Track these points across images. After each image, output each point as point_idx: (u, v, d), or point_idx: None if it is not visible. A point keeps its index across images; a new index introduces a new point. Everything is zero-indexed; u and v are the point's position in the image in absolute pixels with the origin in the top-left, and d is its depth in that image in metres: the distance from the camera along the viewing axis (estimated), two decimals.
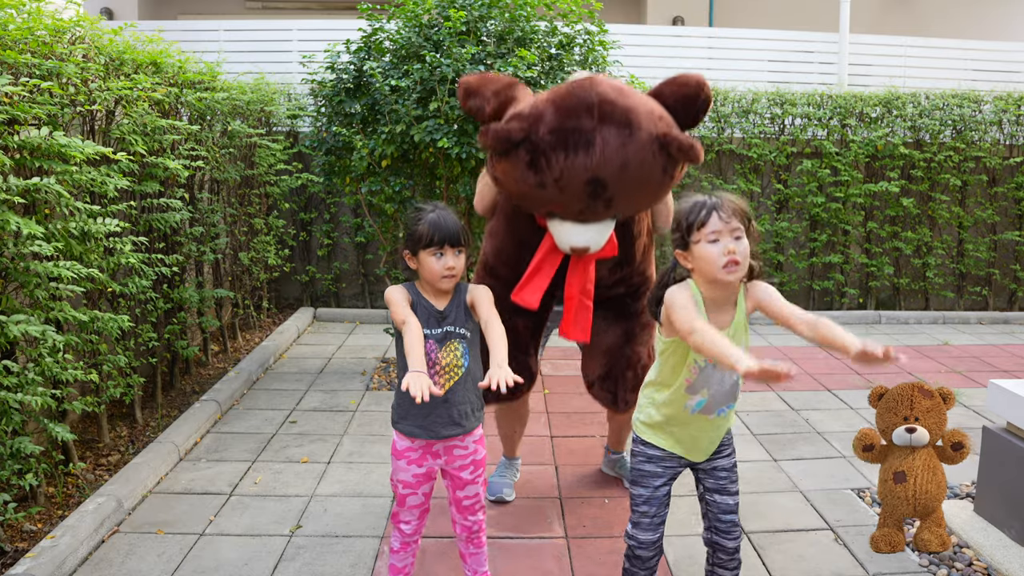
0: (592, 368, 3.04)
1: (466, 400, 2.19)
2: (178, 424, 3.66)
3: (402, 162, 4.25)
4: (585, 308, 2.79)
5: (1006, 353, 5.58)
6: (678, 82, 2.55)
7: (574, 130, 2.37)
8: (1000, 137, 6.78)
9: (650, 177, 2.45)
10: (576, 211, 2.52)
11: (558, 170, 2.39)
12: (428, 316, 2.15)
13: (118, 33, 3.49)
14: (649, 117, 2.41)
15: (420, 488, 2.24)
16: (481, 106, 2.61)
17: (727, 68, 7.39)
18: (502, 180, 2.58)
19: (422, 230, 2.11)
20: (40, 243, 2.61)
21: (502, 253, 2.89)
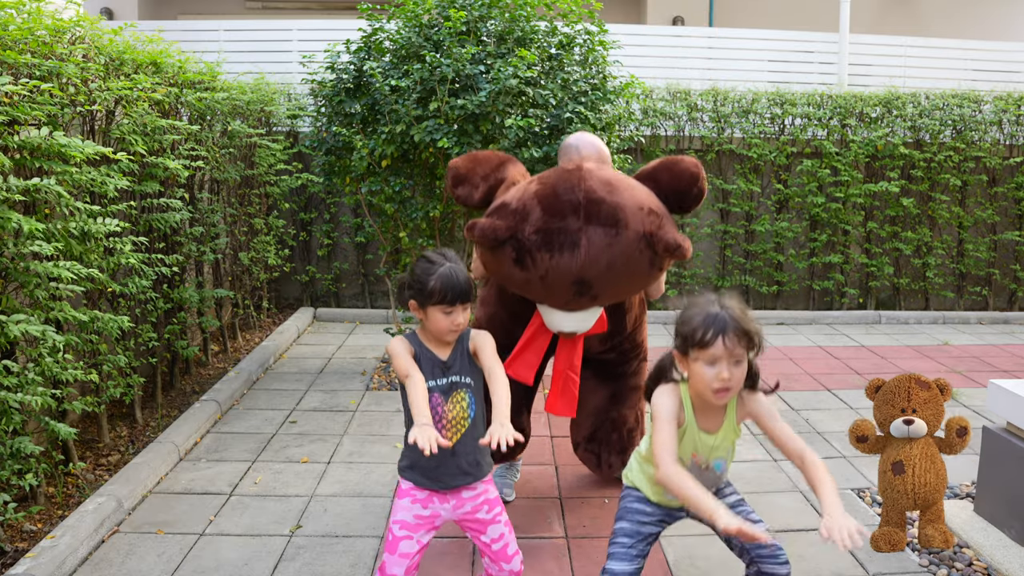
0: (578, 430, 3.08)
1: (474, 450, 2.13)
2: (178, 424, 3.66)
3: (402, 162, 4.25)
4: (572, 383, 2.79)
5: (1006, 353, 5.58)
6: (674, 172, 2.54)
7: (559, 231, 2.37)
8: (1000, 137, 6.78)
9: (636, 273, 2.46)
10: (562, 303, 2.54)
11: (543, 268, 2.41)
12: (432, 367, 2.11)
13: (118, 33, 3.49)
14: (637, 215, 2.40)
15: (418, 534, 2.10)
16: (470, 194, 2.63)
17: (727, 68, 7.39)
18: (490, 268, 2.60)
19: (433, 287, 2.03)
20: (40, 243, 2.61)
21: (494, 323, 2.89)
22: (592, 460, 3.08)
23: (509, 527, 2.17)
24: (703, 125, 6.67)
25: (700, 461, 1.96)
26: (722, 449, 1.98)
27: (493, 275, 2.67)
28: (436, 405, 2.09)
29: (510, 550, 2.15)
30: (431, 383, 2.09)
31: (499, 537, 2.14)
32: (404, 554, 2.07)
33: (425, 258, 2.11)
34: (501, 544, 2.14)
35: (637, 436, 3.06)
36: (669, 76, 7.09)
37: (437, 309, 2.05)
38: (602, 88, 4.26)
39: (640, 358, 3.03)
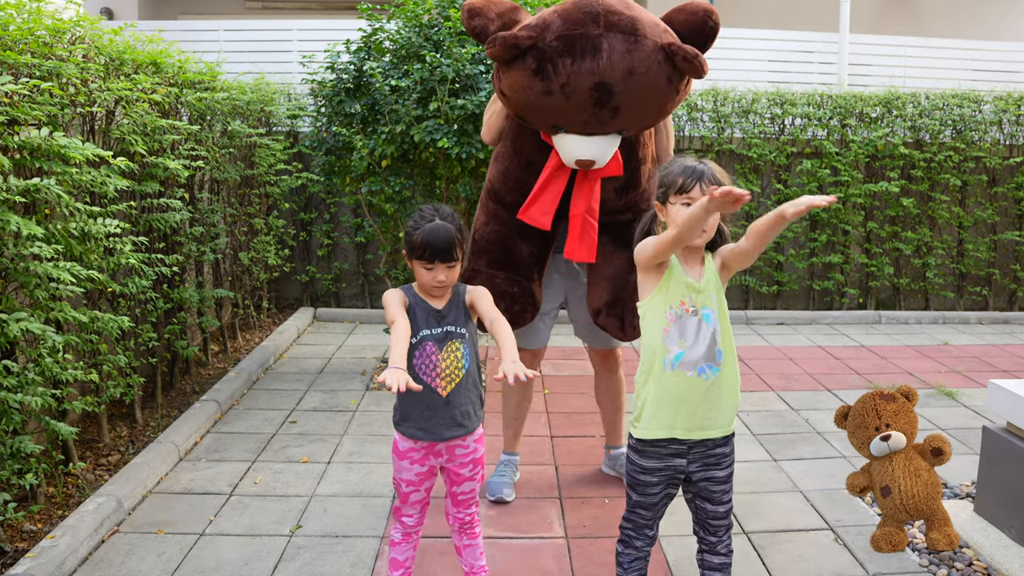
0: (598, 295, 3.00)
1: (467, 401, 2.19)
2: (178, 424, 3.66)
3: (402, 162, 4.26)
4: (590, 227, 2.78)
5: (1006, 353, 5.58)
6: (687, 10, 2.59)
7: (581, 36, 2.42)
8: (1000, 137, 6.78)
9: (655, 86, 2.49)
10: (582, 121, 2.54)
11: (565, 75, 2.44)
12: (427, 316, 2.16)
13: (118, 33, 3.49)
14: (655, 28, 2.47)
15: (423, 485, 2.26)
16: (485, 25, 2.63)
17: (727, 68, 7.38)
18: (508, 93, 2.61)
19: (415, 241, 2.10)
20: (40, 244, 2.61)
21: (508, 177, 2.90)
22: (615, 324, 3.00)
23: (480, 482, 2.32)
24: (703, 125, 6.68)
25: (688, 307, 2.01)
26: (707, 296, 2.03)
27: (511, 102, 2.65)
28: (430, 354, 2.14)
29: (473, 501, 2.32)
30: (426, 331, 2.14)
31: (470, 492, 2.31)
32: (415, 502, 2.28)
33: (420, 211, 2.17)
34: (467, 497, 2.31)
35: None
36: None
37: (419, 264, 2.11)
38: None
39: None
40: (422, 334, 2.14)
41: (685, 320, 2.01)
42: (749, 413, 4.17)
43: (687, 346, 2.00)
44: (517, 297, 2.92)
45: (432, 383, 2.13)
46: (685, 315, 2.01)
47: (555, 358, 5.10)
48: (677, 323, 2.01)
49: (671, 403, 2.02)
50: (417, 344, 2.14)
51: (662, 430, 2.04)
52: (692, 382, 2.00)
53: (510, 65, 2.53)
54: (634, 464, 2.11)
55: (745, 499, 3.12)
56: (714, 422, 2.05)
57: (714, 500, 2.10)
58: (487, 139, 3.03)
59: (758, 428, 3.96)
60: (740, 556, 2.66)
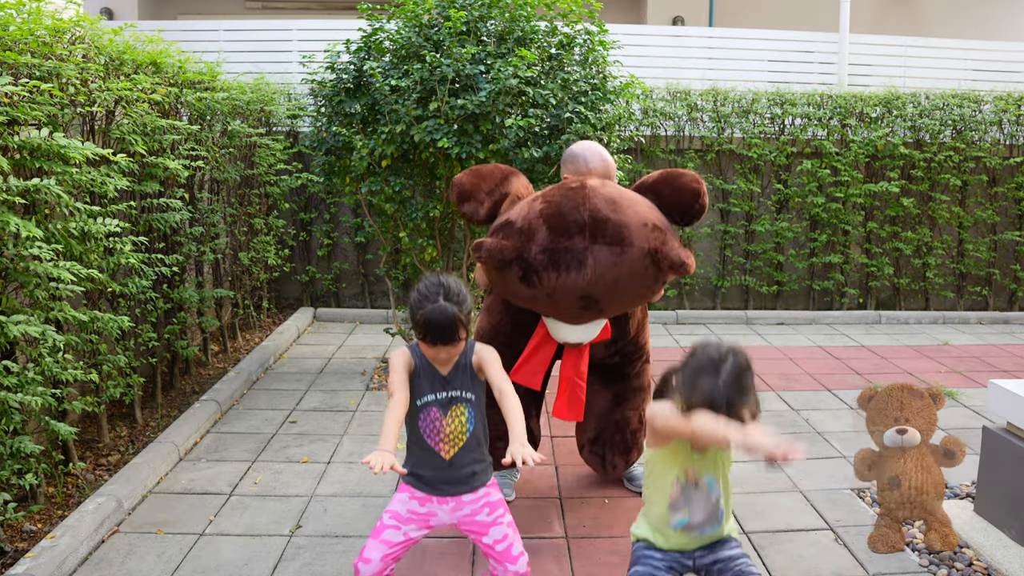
0: (583, 433, 3.12)
1: (472, 462, 2.14)
2: (178, 424, 3.66)
3: (402, 162, 4.25)
4: (579, 389, 2.83)
5: (1006, 353, 5.58)
6: (675, 187, 2.59)
7: (566, 251, 2.42)
8: (1000, 137, 6.78)
9: (641, 287, 2.51)
10: (568, 318, 2.59)
11: (550, 287, 2.45)
12: (432, 380, 2.10)
13: (118, 33, 3.49)
14: (641, 232, 2.45)
15: (406, 527, 2.10)
16: (475, 210, 2.67)
17: (727, 68, 7.39)
18: (496, 285, 2.64)
19: (417, 320, 2.01)
20: (40, 245, 2.61)
21: (499, 333, 2.92)
22: (597, 461, 3.11)
23: (513, 528, 2.15)
24: (703, 125, 6.67)
25: (691, 476, 1.98)
26: (711, 462, 1.99)
27: (498, 291, 2.72)
28: (435, 419, 2.09)
29: (514, 550, 2.12)
30: (430, 396, 2.09)
31: (502, 538, 2.12)
32: (386, 541, 2.07)
33: (424, 286, 2.05)
34: (504, 545, 2.12)
35: (640, 436, 3.08)
36: (669, 76, 7.09)
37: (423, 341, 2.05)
38: (602, 88, 4.26)
39: (643, 359, 3.05)
40: (426, 399, 2.09)
41: (689, 491, 1.98)
42: None
43: (690, 514, 1.99)
44: None
45: (436, 447, 2.10)
46: (688, 484, 1.98)
47: None
48: (683, 493, 1.99)
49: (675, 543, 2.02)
50: (422, 407, 2.09)
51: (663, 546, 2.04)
52: (696, 538, 2.02)
53: (496, 270, 2.54)
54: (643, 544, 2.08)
55: (745, 499, 3.12)
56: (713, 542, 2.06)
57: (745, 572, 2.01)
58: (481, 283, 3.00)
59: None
60: None
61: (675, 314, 6.46)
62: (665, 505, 2.00)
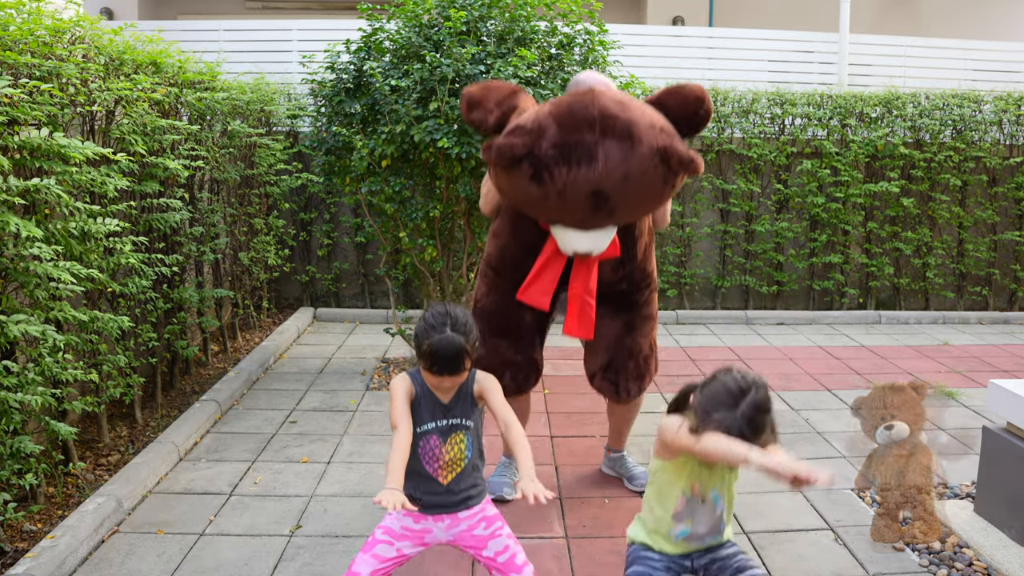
0: (594, 360, 3.05)
1: (469, 486, 2.14)
2: (178, 424, 3.66)
3: (402, 162, 4.25)
4: (588, 307, 2.81)
5: (1006, 353, 5.58)
6: (679, 95, 2.59)
7: (577, 144, 2.40)
8: (1000, 137, 6.78)
9: (651, 188, 2.49)
10: (578, 220, 2.56)
11: (561, 183, 2.43)
12: (433, 408, 2.10)
13: (118, 33, 3.49)
14: (650, 130, 2.45)
15: (400, 543, 2.09)
16: (484, 118, 2.64)
17: (727, 68, 7.39)
18: (505, 191, 2.62)
19: (423, 350, 1.99)
20: (40, 245, 2.61)
21: (506, 256, 2.92)
22: (610, 388, 3.03)
23: (513, 539, 2.15)
24: None
25: (698, 492, 1.98)
26: (718, 480, 2.00)
27: (508, 199, 2.67)
28: (434, 447, 2.09)
29: (518, 560, 2.11)
30: (431, 424, 2.09)
31: (503, 550, 2.11)
32: (377, 556, 2.05)
33: (431, 315, 2.03)
34: (507, 556, 2.11)
35: (652, 363, 3.08)
36: (669, 76, 7.09)
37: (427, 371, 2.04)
38: None
39: (651, 288, 3.06)
40: (426, 427, 2.09)
41: (694, 504, 1.98)
42: None
43: (693, 524, 1.99)
44: (521, 365, 2.96)
45: (435, 473, 2.10)
46: (694, 499, 1.98)
47: (555, 358, 5.10)
48: (687, 506, 1.99)
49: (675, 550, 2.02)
50: (421, 435, 2.09)
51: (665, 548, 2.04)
52: (695, 546, 2.02)
53: (506, 170, 2.52)
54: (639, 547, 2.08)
55: (745, 499, 3.12)
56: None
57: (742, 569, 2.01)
58: (485, 211, 3.03)
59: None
60: None
61: (675, 314, 6.46)
62: (669, 515, 2.00)
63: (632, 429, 3.68)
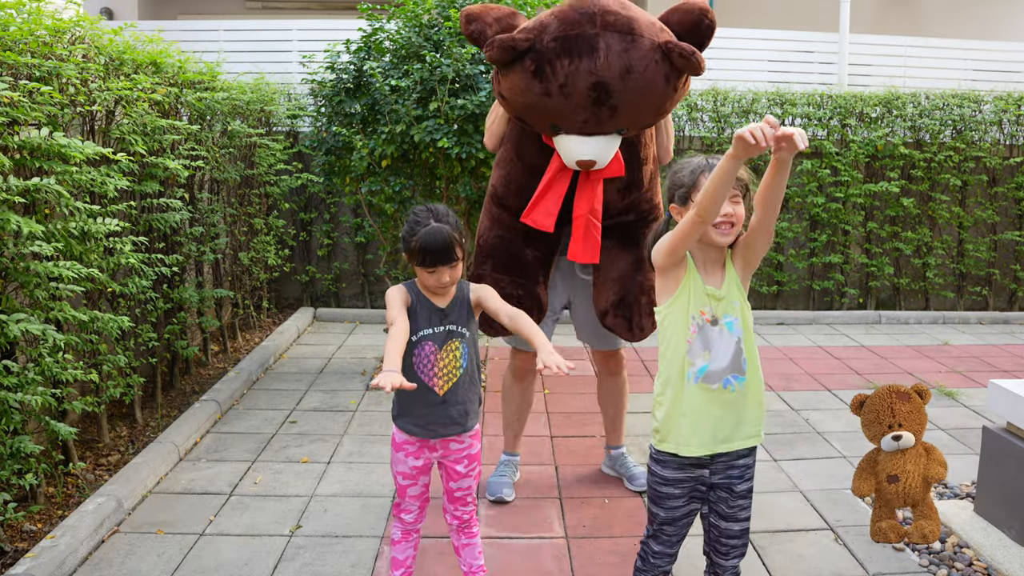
0: (604, 297, 2.98)
1: (465, 399, 2.19)
2: (178, 424, 3.66)
3: (402, 162, 4.25)
4: (593, 228, 2.78)
5: (1006, 353, 5.58)
6: (682, 9, 2.62)
7: (578, 36, 2.44)
8: (1000, 137, 6.78)
9: (653, 85, 2.51)
10: (580, 121, 2.56)
11: (563, 76, 2.46)
12: (430, 314, 2.14)
13: (118, 33, 3.49)
14: (651, 28, 2.49)
15: (419, 479, 2.26)
16: (483, 30, 2.65)
17: (727, 68, 7.38)
18: (508, 96, 2.62)
19: (414, 247, 2.06)
20: (40, 243, 2.61)
21: (511, 182, 2.91)
22: (623, 324, 2.98)
23: (476, 479, 2.31)
24: (703, 125, 6.68)
25: (708, 316, 1.94)
26: (729, 303, 1.96)
27: (511, 104, 2.67)
28: (430, 353, 2.13)
29: (470, 499, 2.31)
30: (428, 330, 2.13)
31: (467, 488, 2.29)
32: (413, 496, 2.27)
33: (414, 214, 2.13)
34: (464, 493, 2.30)
35: None
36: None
37: (421, 268, 2.10)
38: None
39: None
40: (423, 333, 2.13)
41: (707, 331, 1.94)
42: None
43: (711, 358, 1.93)
44: (523, 300, 2.92)
45: (429, 382, 2.13)
46: (706, 325, 1.94)
47: None
48: (700, 334, 1.93)
49: (696, 418, 1.94)
50: (417, 342, 2.13)
51: (689, 448, 1.96)
52: (717, 395, 1.94)
53: (508, 68, 2.55)
54: (656, 476, 2.04)
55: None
56: (740, 433, 1.99)
57: (729, 517, 2.05)
58: (489, 145, 3.04)
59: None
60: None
61: None
62: (683, 354, 1.93)
63: (631, 428, 3.69)
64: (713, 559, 2.12)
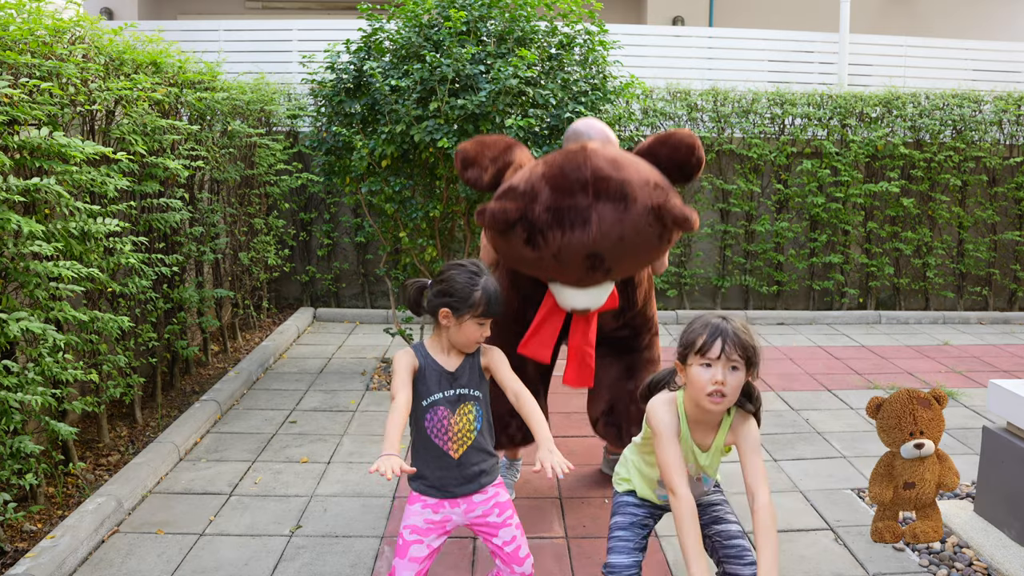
0: (596, 405, 3.08)
1: (480, 460, 2.13)
2: (178, 424, 3.66)
3: (402, 162, 4.25)
4: (588, 357, 2.81)
5: (1006, 353, 5.58)
6: (671, 144, 2.59)
7: (570, 208, 2.40)
8: (1000, 137, 6.78)
9: (646, 245, 2.49)
10: (575, 279, 2.57)
11: (556, 246, 2.43)
12: (439, 378, 2.09)
13: (118, 33, 3.49)
14: (644, 189, 2.44)
15: (428, 538, 2.08)
16: (479, 176, 2.65)
17: (727, 68, 7.39)
18: (500, 252, 2.62)
19: (478, 299, 2.03)
20: (40, 243, 2.61)
21: (506, 308, 2.88)
22: (613, 433, 3.03)
23: (520, 529, 2.16)
24: (703, 125, 6.67)
25: (690, 470, 1.98)
26: (711, 468, 2.03)
27: (504, 259, 2.69)
28: (443, 418, 2.08)
29: (522, 552, 2.14)
30: (438, 395, 2.08)
31: (511, 540, 2.13)
32: (414, 558, 2.06)
33: (463, 267, 2.08)
34: (513, 547, 2.13)
35: None
36: (669, 76, 7.09)
37: (474, 321, 2.05)
38: (602, 88, 4.26)
39: (652, 332, 3.07)
40: (434, 398, 2.08)
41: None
42: None
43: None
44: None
45: (444, 446, 2.08)
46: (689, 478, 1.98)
47: None
48: None
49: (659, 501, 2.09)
50: (428, 407, 2.08)
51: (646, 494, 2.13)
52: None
53: (501, 234, 2.52)
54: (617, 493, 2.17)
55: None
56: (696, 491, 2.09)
57: (720, 519, 2.08)
58: (485, 261, 3.01)
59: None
60: None
61: (675, 314, 6.46)
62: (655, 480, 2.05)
63: None
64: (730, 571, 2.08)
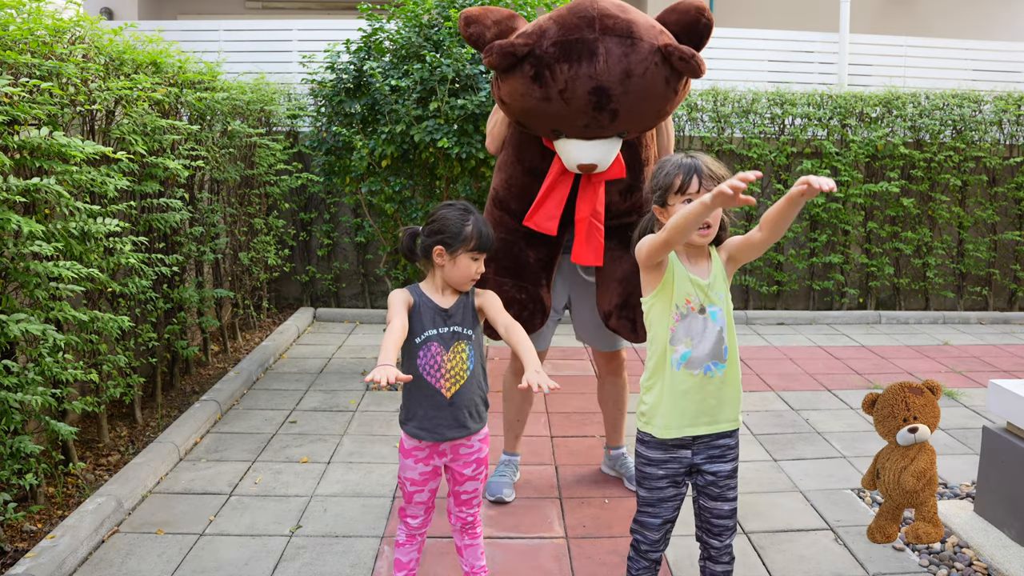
0: (608, 299, 2.99)
1: (471, 402, 2.17)
2: (178, 424, 3.66)
3: (402, 162, 4.26)
4: (596, 230, 2.79)
5: (1006, 353, 5.58)
6: (679, 10, 2.61)
7: (577, 41, 2.43)
8: (1000, 137, 6.78)
9: (653, 88, 2.50)
10: (581, 126, 2.56)
11: (563, 81, 2.45)
12: (434, 315, 2.14)
13: (118, 33, 3.49)
14: (650, 31, 2.48)
15: (427, 486, 2.23)
16: (482, 32, 2.65)
17: (727, 68, 7.39)
18: (508, 100, 2.62)
19: (470, 233, 2.10)
20: (40, 243, 2.61)
21: (512, 185, 2.91)
22: (627, 326, 2.98)
23: (483, 482, 2.32)
24: (703, 125, 6.68)
25: (694, 305, 1.99)
26: (715, 293, 2.01)
27: (511, 109, 2.68)
28: (436, 354, 2.12)
29: (475, 501, 2.30)
30: (432, 331, 2.13)
31: (472, 491, 2.28)
32: (419, 503, 2.25)
33: (452, 206, 2.16)
34: (470, 496, 2.29)
35: None
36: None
37: (468, 255, 2.11)
38: None
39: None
40: (428, 334, 2.12)
41: (691, 319, 2.00)
42: (749, 413, 4.17)
43: (693, 344, 1.99)
44: (526, 303, 2.92)
45: (436, 384, 2.12)
46: (691, 314, 2.00)
47: (555, 358, 5.10)
48: (683, 322, 2.00)
49: (678, 402, 2.02)
50: (422, 343, 2.12)
51: (670, 430, 2.03)
52: (699, 380, 2.01)
53: (508, 73, 2.54)
54: (640, 456, 2.11)
55: (745, 499, 3.12)
56: (719, 417, 2.07)
57: (718, 497, 2.09)
58: (491, 148, 3.04)
59: (758, 428, 3.96)
60: (740, 556, 2.66)
61: None
62: (666, 341, 2.00)
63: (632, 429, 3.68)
64: (706, 540, 2.15)
